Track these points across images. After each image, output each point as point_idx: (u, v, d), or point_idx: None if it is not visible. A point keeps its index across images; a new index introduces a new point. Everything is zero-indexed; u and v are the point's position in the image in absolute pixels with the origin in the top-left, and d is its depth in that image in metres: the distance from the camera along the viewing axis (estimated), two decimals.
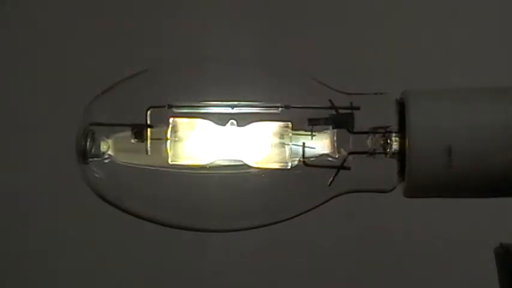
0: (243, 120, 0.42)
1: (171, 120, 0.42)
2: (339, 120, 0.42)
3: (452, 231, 0.76)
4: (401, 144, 0.41)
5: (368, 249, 0.79)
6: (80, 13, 0.83)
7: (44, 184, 0.81)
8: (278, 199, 0.44)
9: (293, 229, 0.53)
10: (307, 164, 0.42)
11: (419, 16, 0.79)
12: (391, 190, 0.42)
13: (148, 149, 0.42)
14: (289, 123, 0.42)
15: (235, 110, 0.42)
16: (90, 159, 0.43)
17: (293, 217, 0.44)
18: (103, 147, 0.43)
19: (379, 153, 0.42)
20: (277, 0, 0.82)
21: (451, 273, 0.77)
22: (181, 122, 0.42)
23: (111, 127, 0.43)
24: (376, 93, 0.43)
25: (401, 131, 0.41)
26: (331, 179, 0.42)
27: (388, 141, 0.42)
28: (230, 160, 0.43)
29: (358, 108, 0.42)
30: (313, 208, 0.43)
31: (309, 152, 0.42)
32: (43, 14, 0.83)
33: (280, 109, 0.42)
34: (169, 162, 0.42)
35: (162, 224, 0.44)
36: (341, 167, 0.42)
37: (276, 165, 0.42)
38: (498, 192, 0.41)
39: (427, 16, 0.79)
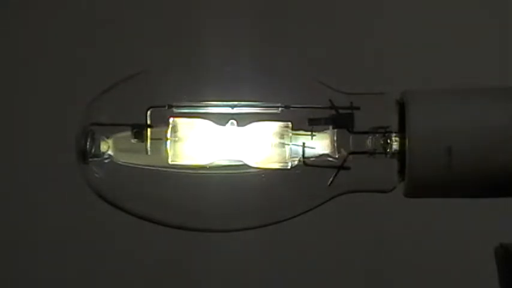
0: (243, 120, 0.42)
1: (171, 120, 0.42)
2: (339, 120, 0.42)
3: (453, 231, 0.76)
4: (401, 144, 0.41)
5: (368, 249, 0.79)
6: (79, 13, 0.83)
7: (44, 184, 0.81)
8: (278, 199, 0.44)
9: (293, 229, 0.53)
10: (307, 164, 0.42)
11: (420, 16, 0.79)
12: (391, 190, 0.42)
13: (148, 149, 0.42)
14: (289, 123, 0.42)
15: (235, 110, 0.43)
16: (90, 159, 0.43)
17: (293, 217, 0.44)
18: (103, 147, 0.43)
19: (379, 153, 0.42)
20: (277, 0, 0.82)
21: (451, 273, 0.77)
22: (181, 122, 0.42)
23: (111, 127, 0.43)
24: (376, 93, 0.43)
25: (401, 131, 0.41)
26: (331, 179, 0.42)
27: (388, 141, 0.42)
28: (230, 160, 0.43)
29: (358, 108, 0.42)
30: (313, 208, 0.43)
31: (309, 152, 0.42)
32: (43, 14, 0.83)
33: (280, 109, 0.42)
34: (169, 162, 0.42)
35: (162, 224, 0.44)
36: (341, 167, 0.42)
37: (276, 165, 0.42)
38: (498, 192, 0.41)
39: (427, 16, 0.79)
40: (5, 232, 0.82)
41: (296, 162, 0.42)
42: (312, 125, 0.42)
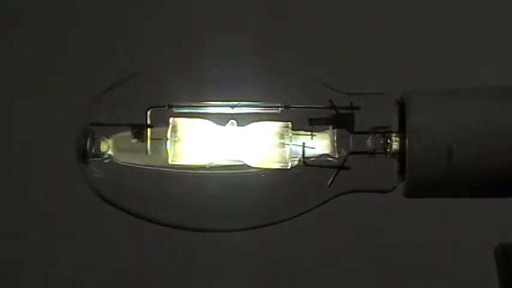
0: (243, 120, 0.43)
1: (171, 120, 0.42)
2: (339, 120, 0.42)
3: (453, 231, 0.76)
4: (402, 144, 0.41)
5: (368, 249, 0.79)
6: (79, 13, 0.83)
7: (44, 184, 0.81)
8: (278, 199, 0.44)
9: (293, 229, 0.53)
10: (307, 164, 0.42)
11: (420, 16, 0.79)
12: (391, 190, 0.42)
13: (148, 149, 0.42)
14: (289, 123, 0.42)
15: (235, 110, 0.43)
16: (90, 159, 0.43)
17: (293, 217, 0.44)
18: (103, 147, 0.43)
19: (379, 153, 0.42)
20: (278, 0, 0.82)
21: (451, 273, 0.77)
22: (181, 122, 0.42)
23: (111, 127, 0.43)
24: (376, 93, 0.43)
25: (402, 131, 0.41)
26: (331, 179, 0.42)
27: (388, 141, 0.42)
28: (230, 160, 0.43)
29: (358, 108, 0.42)
30: (313, 208, 0.43)
31: (309, 152, 0.42)
32: (43, 14, 0.83)
33: (280, 109, 0.42)
34: (169, 162, 0.42)
35: (162, 224, 0.44)
36: (341, 167, 0.42)
37: (276, 165, 0.42)
38: (498, 192, 0.41)
39: (427, 16, 0.79)
40: (5, 232, 0.82)
41: (296, 162, 0.42)
42: (312, 125, 0.42)
